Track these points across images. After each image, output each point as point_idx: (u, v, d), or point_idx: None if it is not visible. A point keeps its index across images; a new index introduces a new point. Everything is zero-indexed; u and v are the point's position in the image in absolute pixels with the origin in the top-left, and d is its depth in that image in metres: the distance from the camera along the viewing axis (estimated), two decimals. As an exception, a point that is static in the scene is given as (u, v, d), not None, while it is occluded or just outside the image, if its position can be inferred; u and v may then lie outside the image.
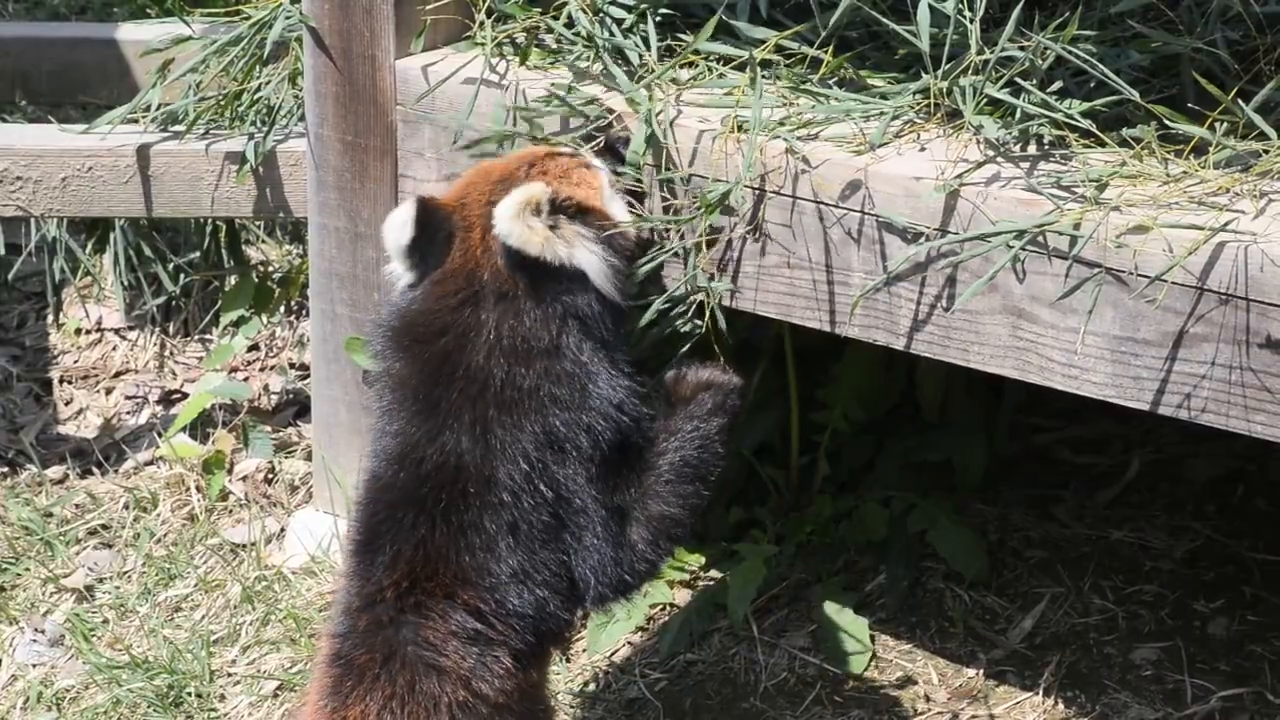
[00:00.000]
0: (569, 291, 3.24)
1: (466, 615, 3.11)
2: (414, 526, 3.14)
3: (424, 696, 3.06)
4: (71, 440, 4.75)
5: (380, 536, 3.16)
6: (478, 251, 3.26)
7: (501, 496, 3.15)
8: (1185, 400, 3.17)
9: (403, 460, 3.19)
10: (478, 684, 3.09)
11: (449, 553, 3.13)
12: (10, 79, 5.04)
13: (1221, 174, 3.21)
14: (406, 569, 3.12)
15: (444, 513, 3.14)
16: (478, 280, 3.24)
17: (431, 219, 3.28)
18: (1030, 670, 3.92)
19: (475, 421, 3.17)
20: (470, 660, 3.09)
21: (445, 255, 3.28)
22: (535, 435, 3.18)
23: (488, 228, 3.25)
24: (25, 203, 4.37)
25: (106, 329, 5.06)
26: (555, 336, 3.23)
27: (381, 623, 3.11)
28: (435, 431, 3.18)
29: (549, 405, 3.20)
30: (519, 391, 3.19)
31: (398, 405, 3.24)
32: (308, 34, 3.95)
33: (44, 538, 4.40)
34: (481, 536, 3.13)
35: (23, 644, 4.16)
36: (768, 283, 3.52)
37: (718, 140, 3.47)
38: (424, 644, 3.09)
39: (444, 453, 3.17)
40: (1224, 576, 4.12)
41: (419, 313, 3.26)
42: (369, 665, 3.09)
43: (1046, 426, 4.52)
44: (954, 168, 3.30)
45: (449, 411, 3.18)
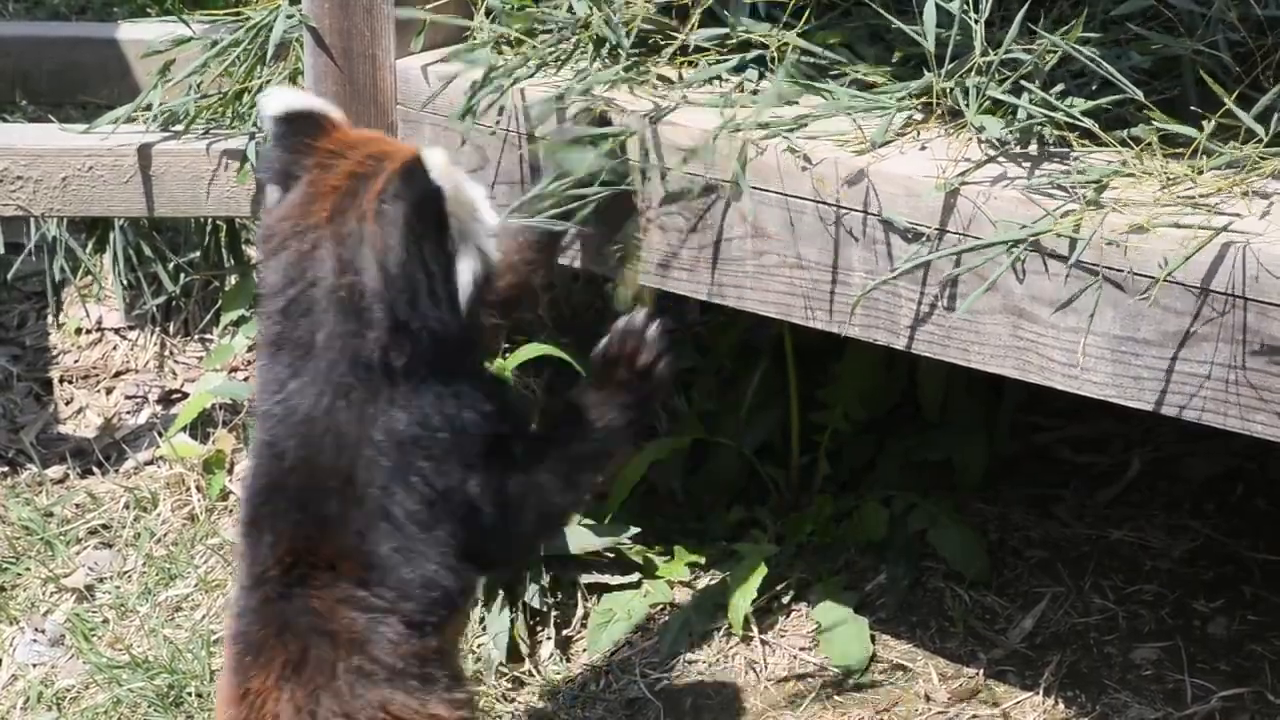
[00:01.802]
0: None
1: (351, 584, 3.09)
2: (289, 510, 3.11)
3: (318, 662, 3.06)
4: (72, 440, 4.75)
5: (263, 518, 3.14)
6: (344, 241, 3.05)
7: (365, 491, 3.10)
8: (1185, 400, 3.17)
9: (273, 446, 3.14)
10: (370, 648, 3.08)
11: (327, 530, 3.10)
12: (10, 79, 5.03)
13: (1221, 175, 3.21)
14: (289, 546, 3.11)
15: (314, 499, 3.11)
16: (336, 275, 3.05)
17: (301, 138, 3.11)
18: (1030, 670, 3.92)
19: (342, 426, 3.09)
20: (360, 625, 3.08)
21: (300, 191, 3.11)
22: (389, 429, 3.10)
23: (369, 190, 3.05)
24: (26, 202, 4.37)
25: (107, 329, 5.06)
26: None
27: (271, 598, 3.10)
28: (310, 428, 3.11)
29: (407, 409, 3.09)
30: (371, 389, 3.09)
31: (277, 385, 3.15)
32: (308, 34, 3.95)
33: (44, 537, 4.40)
34: (354, 523, 3.10)
35: (23, 644, 4.16)
36: (768, 282, 3.53)
37: (718, 137, 3.47)
38: (313, 613, 3.08)
39: (316, 442, 3.10)
40: (1224, 576, 4.12)
41: (275, 306, 3.13)
42: (264, 639, 3.09)
43: (1047, 426, 4.52)
44: (955, 167, 3.30)
45: (302, 401, 3.11)
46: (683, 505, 4.37)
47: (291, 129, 3.14)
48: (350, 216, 3.04)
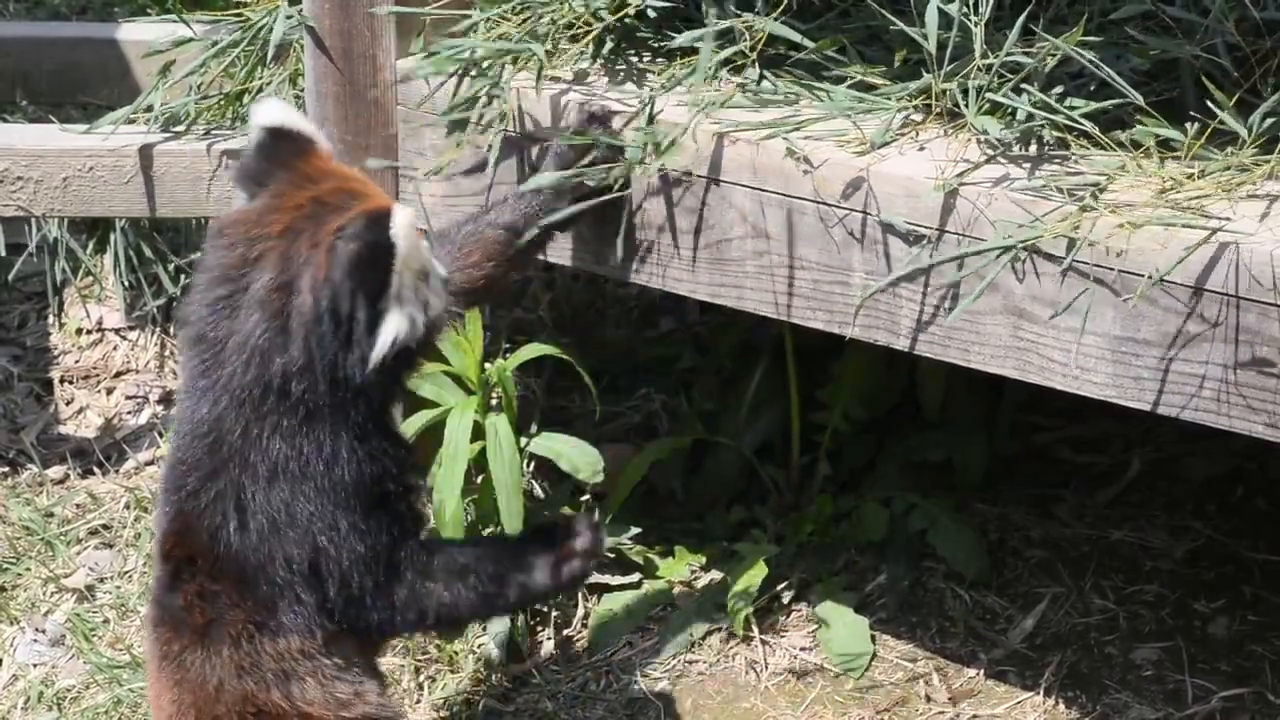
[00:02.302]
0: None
1: (206, 579, 3.15)
2: (170, 505, 3.19)
3: (177, 653, 3.16)
4: (72, 440, 4.75)
5: (159, 509, 3.24)
6: (290, 259, 3.11)
7: (224, 500, 3.17)
8: (1185, 400, 3.17)
9: (175, 437, 3.23)
10: (213, 643, 3.15)
11: (192, 528, 3.17)
12: (10, 79, 5.03)
13: (1219, 176, 3.21)
14: (167, 537, 3.19)
15: (188, 497, 3.17)
16: (267, 291, 3.11)
17: (280, 154, 3.18)
18: (1031, 670, 3.92)
19: (222, 434, 3.15)
20: (208, 618, 3.15)
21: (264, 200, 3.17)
22: (272, 459, 3.15)
23: (325, 229, 3.10)
24: (26, 203, 4.37)
25: (107, 329, 5.06)
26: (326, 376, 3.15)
27: (159, 587, 3.22)
28: (195, 427, 3.17)
29: (291, 440, 3.16)
30: (265, 426, 3.15)
31: (181, 388, 3.24)
32: (308, 34, 3.95)
33: (45, 537, 4.40)
34: (209, 524, 3.15)
35: (24, 644, 4.16)
36: (768, 282, 3.53)
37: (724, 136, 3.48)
38: (180, 605, 3.16)
39: (196, 442, 3.17)
40: (1224, 576, 4.12)
41: (212, 269, 3.17)
42: (151, 628, 3.22)
43: (1047, 426, 4.52)
44: (954, 168, 3.30)
45: (202, 402, 3.17)
46: (683, 505, 4.37)
47: (275, 142, 3.21)
48: (303, 240, 3.10)
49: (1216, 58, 3.33)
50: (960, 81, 3.33)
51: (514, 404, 4.04)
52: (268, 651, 3.16)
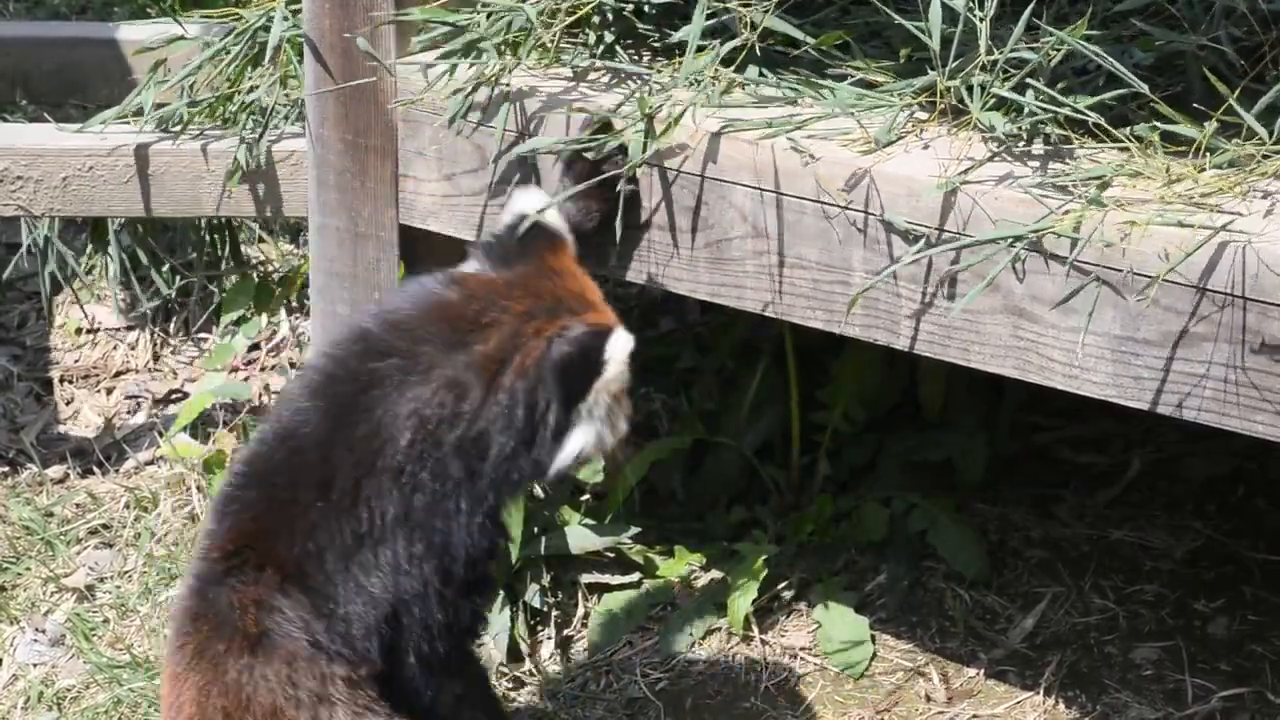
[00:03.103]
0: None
1: (271, 589, 3.13)
2: (256, 504, 3.18)
3: (215, 654, 3.12)
4: (72, 440, 4.75)
5: (231, 500, 3.20)
6: (518, 338, 3.19)
7: (351, 531, 3.16)
8: (1186, 400, 3.17)
9: (285, 440, 3.20)
10: (262, 654, 3.11)
11: (277, 538, 3.15)
12: (10, 79, 5.03)
13: (1223, 174, 3.21)
14: (237, 535, 3.16)
15: (286, 506, 3.16)
16: (484, 357, 3.18)
17: (529, 243, 3.29)
18: (1031, 670, 3.92)
19: (361, 460, 3.16)
20: (261, 628, 3.12)
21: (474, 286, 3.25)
22: (401, 508, 3.17)
23: (544, 331, 3.20)
24: (26, 202, 4.37)
25: (107, 329, 5.06)
26: (482, 455, 3.19)
27: (205, 578, 3.17)
28: (327, 440, 3.17)
29: (427, 497, 3.18)
30: (411, 470, 3.17)
31: (313, 389, 3.23)
32: (307, 34, 3.95)
33: (45, 537, 4.40)
34: (300, 543, 3.15)
35: (24, 643, 4.16)
36: (768, 281, 3.53)
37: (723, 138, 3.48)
38: (229, 605, 3.13)
39: (323, 460, 3.16)
40: (1224, 576, 4.12)
41: (404, 319, 3.23)
42: (187, 620, 3.17)
43: (1047, 426, 4.52)
44: (956, 165, 3.30)
45: (347, 434, 3.17)
46: (683, 505, 4.37)
47: (531, 230, 3.30)
48: (532, 327, 3.18)
49: (1222, 48, 3.32)
50: (965, 78, 3.33)
51: (514, 404, 4.04)
52: (314, 674, 3.13)
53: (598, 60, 3.75)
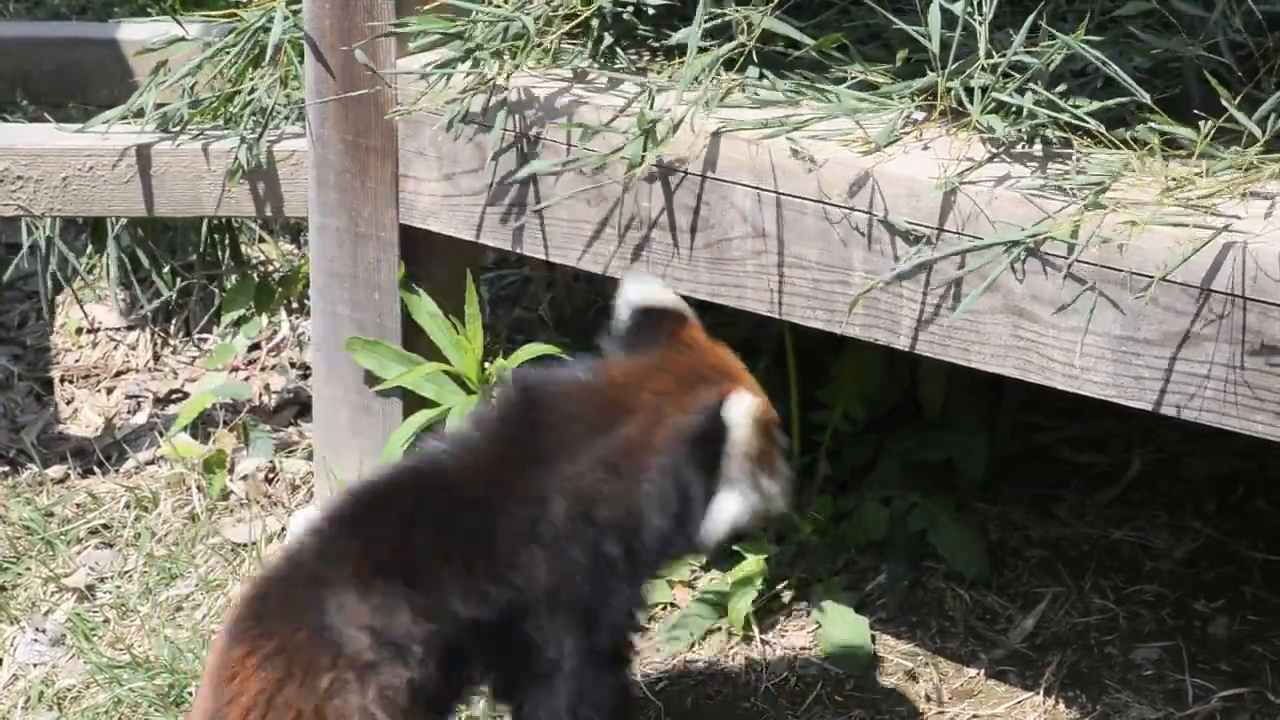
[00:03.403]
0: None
1: (391, 616, 3.13)
2: (405, 528, 3.19)
3: (305, 661, 3.10)
4: (72, 440, 4.75)
5: (373, 516, 3.21)
6: (659, 418, 3.24)
7: (497, 567, 3.19)
8: (1186, 400, 3.17)
9: (443, 473, 3.25)
10: (361, 682, 3.11)
11: (424, 568, 3.16)
12: (10, 79, 5.03)
13: (1224, 176, 3.21)
14: (378, 556, 3.15)
15: (440, 534, 3.19)
16: (629, 440, 3.24)
17: (653, 326, 3.31)
18: (1031, 670, 3.92)
19: (525, 513, 3.21)
20: (368, 658, 3.11)
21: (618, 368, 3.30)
22: (552, 564, 3.22)
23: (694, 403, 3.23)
24: (26, 202, 4.37)
25: (107, 328, 5.06)
26: (632, 518, 3.24)
27: (314, 579, 3.15)
28: (488, 484, 3.23)
29: (578, 571, 3.24)
30: (563, 544, 3.23)
31: (480, 431, 3.29)
32: (307, 35, 3.96)
33: (45, 537, 4.40)
34: (445, 581, 3.17)
35: (24, 643, 4.16)
36: (768, 282, 3.53)
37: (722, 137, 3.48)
38: (339, 616, 3.11)
39: (480, 497, 3.21)
40: (1224, 576, 4.12)
41: (571, 390, 3.30)
42: (280, 611, 3.15)
43: (1047, 425, 4.52)
44: (956, 166, 3.30)
45: (509, 479, 3.23)
46: (683, 505, 4.37)
47: (649, 317, 3.32)
48: (673, 404, 3.23)
49: (1219, 56, 3.33)
50: (964, 81, 3.33)
51: (514, 404, 4.04)
52: (396, 708, 3.15)
53: (598, 62, 3.75)
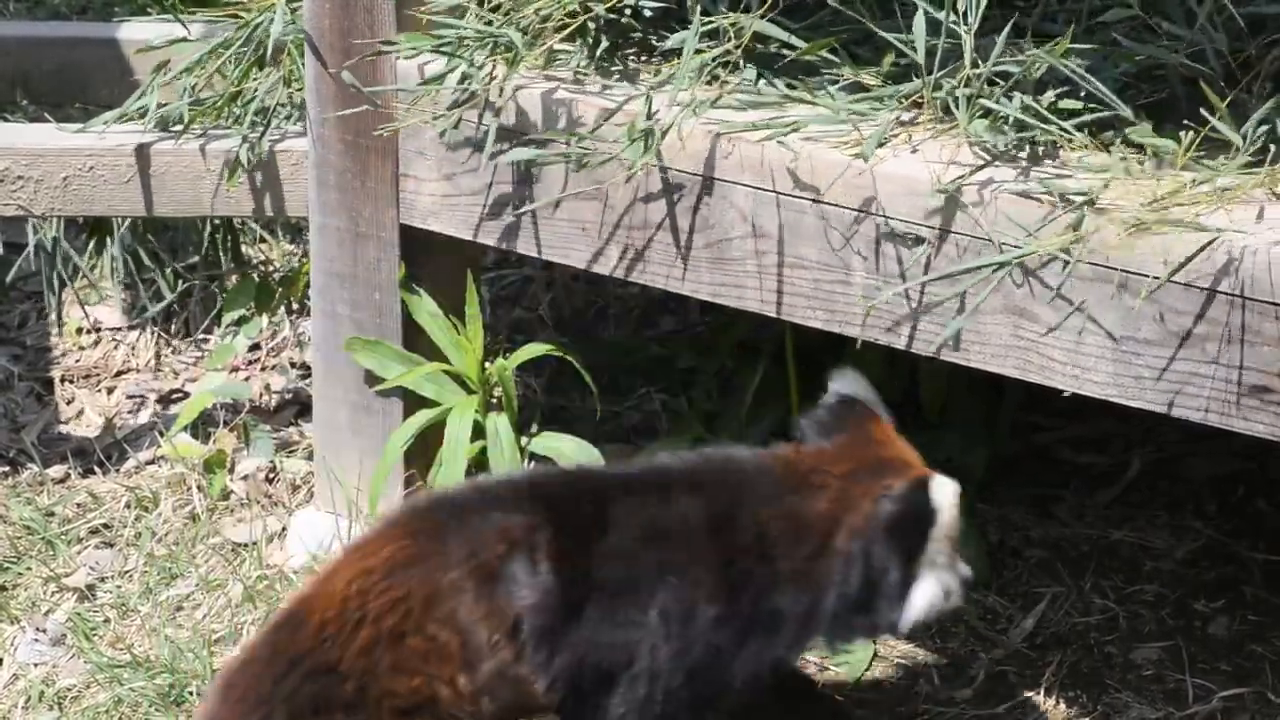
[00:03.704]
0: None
1: (538, 560, 3.20)
2: (571, 526, 3.25)
3: (436, 559, 3.19)
4: (73, 439, 4.75)
5: (546, 500, 3.27)
6: (846, 499, 3.31)
7: (647, 603, 3.26)
8: (1186, 400, 3.18)
9: (640, 483, 3.36)
10: (478, 586, 3.18)
11: (580, 540, 3.24)
12: (10, 79, 5.03)
13: (1206, 187, 3.21)
14: (540, 519, 3.23)
15: (620, 529, 3.27)
16: (817, 515, 3.31)
17: (847, 417, 3.40)
18: (1031, 670, 3.92)
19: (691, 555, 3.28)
20: (499, 572, 3.19)
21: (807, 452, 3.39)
22: (702, 611, 3.27)
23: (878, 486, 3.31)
24: (26, 202, 4.37)
25: (107, 328, 5.06)
26: (813, 592, 3.30)
27: (482, 510, 3.24)
28: (683, 500, 3.31)
29: (737, 612, 3.29)
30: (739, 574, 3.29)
31: (681, 460, 3.40)
32: (307, 34, 3.96)
33: (45, 537, 4.40)
34: (600, 568, 3.25)
35: (24, 643, 4.16)
36: (768, 282, 3.53)
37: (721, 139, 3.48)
38: (495, 538, 3.20)
39: (671, 511, 3.29)
40: (1225, 576, 4.12)
41: (765, 458, 3.40)
42: (430, 533, 3.24)
43: (1047, 426, 4.52)
44: (950, 170, 3.30)
45: (701, 504, 3.31)
46: (683, 505, 4.36)
47: (848, 405, 3.43)
48: (859, 488, 3.30)
49: (1204, 63, 3.32)
50: (950, 90, 3.33)
51: (514, 403, 4.04)
52: (499, 637, 3.21)
53: (595, 64, 3.75)
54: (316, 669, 3.16)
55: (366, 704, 3.15)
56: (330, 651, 3.16)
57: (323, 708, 3.15)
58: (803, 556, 3.29)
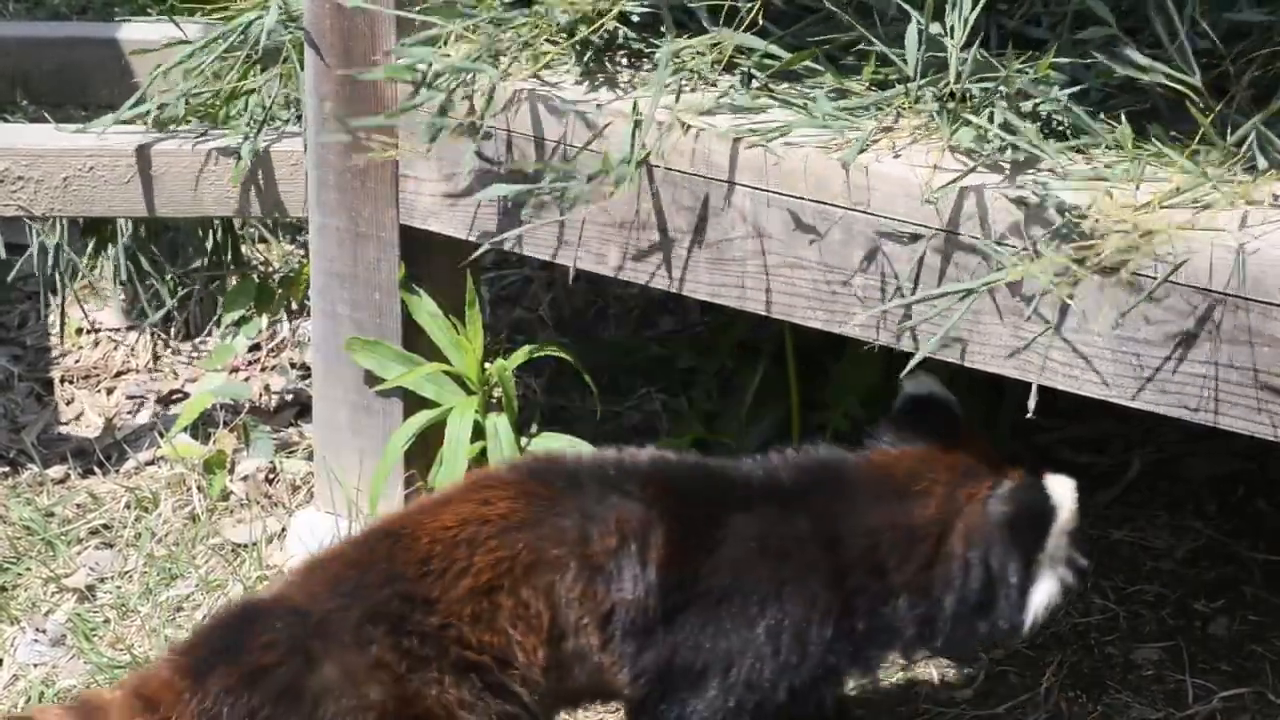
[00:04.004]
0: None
1: (642, 551, 3.21)
2: (683, 517, 3.26)
3: (555, 529, 3.22)
4: (73, 440, 4.75)
5: (659, 497, 3.26)
6: (954, 503, 3.31)
7: (751, 598, 3.25)
8: (1186, 400, 3.18)
9: (749, 482, 3.35)
10: (578, 569, 3.21)
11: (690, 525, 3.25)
12: (10, 79, 5.03)
13: (1201, 191, 3.21)
14: (651, 496, 3.25)
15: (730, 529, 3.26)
16: (926, 520, 3.30)
17: (926, 419, 3.39)
18: (1032, 670, 3.92)
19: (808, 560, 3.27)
20: (603, 558, 3.22)
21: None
22: (811, 612, 3.27)
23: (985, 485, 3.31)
24: (26, 203, 4.37)
25: (107, 329, 5.06)
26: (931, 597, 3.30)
27: (609, 482, 3.26)
28: (788, 507, 3.32)
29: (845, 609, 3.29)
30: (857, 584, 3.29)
31: (786, 461, 3.40)
32: (307, 32, 3.96)
33: (45, 537, 4.40)
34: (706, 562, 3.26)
35: (24, 643, 4.16)
36: (768, 282, 3.53)
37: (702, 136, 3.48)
38: (605, 511, 3.22)
39: (777, 516, 3.30)
40: (1225, 576, 4.12)
41: (860, 463, 3.39)
42: (538, 499, 3.26)
43: (1047, 426, 4.51)
44: (945, 174, 3.30)
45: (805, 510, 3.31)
46: (683, 505, 4.36)
47: (926, 407, 3.41)
48: (963, 491, 3.30)
49: (1186, 77, 3.30)
50: (936, 102, 3.33)
51: (514, 404, 4.04)
52: (593, 616, 3.23)
53: (584, 69, 3.74)
54: (411, 595, 3.17)
55: (442, 643, 3.17)
56: (430, 585, 3.18)
57: (401, 630, 3.16)
58: (916, 566, 3.28)
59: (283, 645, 3.14)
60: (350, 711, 3.12)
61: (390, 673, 3.14)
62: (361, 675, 3.13)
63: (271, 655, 3.14)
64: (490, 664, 3.18)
